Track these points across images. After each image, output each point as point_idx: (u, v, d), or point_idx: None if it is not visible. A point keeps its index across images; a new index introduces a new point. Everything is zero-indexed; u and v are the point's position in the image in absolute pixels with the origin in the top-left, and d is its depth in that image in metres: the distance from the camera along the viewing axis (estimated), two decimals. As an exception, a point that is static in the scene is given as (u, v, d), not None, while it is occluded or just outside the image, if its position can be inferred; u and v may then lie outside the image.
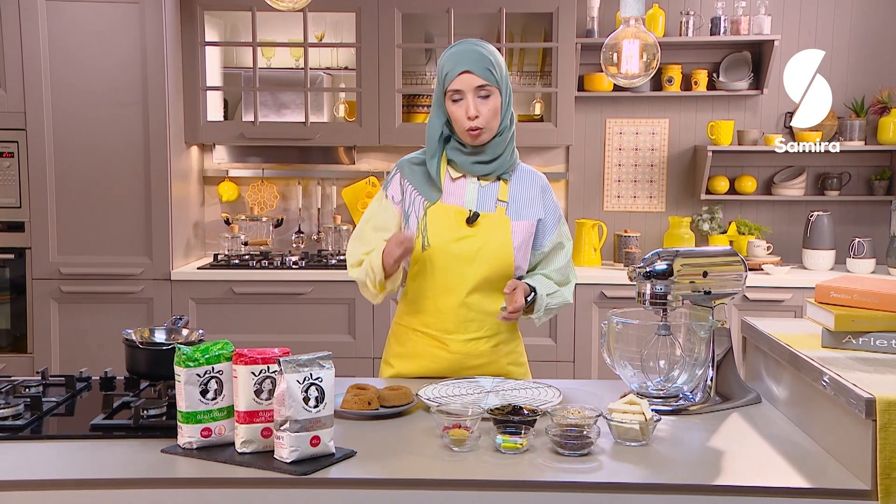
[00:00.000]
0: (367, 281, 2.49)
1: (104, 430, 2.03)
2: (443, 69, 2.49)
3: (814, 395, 2.03)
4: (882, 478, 1.73)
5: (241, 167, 5.15)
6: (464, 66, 2.44)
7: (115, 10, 4.44)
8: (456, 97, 2.46)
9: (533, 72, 5.09)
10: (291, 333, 4.56)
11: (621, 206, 5.16)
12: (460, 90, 2.45)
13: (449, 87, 2.46)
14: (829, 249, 4.79)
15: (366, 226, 2.58)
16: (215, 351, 1.93)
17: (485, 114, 2.45)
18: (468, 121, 2.44)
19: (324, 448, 1.86)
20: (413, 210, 2.54)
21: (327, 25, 5.07)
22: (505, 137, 2.53)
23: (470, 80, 2.44)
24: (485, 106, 2.45)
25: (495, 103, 2.47)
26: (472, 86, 2.44)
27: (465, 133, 2.47)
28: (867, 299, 2.12)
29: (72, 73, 4.48)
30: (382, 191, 2.61)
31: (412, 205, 2.55)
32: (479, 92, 2.44)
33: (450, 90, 2.46)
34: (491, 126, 2.48)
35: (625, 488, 1.79)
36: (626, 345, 2.27)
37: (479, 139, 2.48)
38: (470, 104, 2.44)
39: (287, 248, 5.11)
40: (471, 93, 2.44)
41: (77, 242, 4.56)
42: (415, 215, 2.53)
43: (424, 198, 2.53)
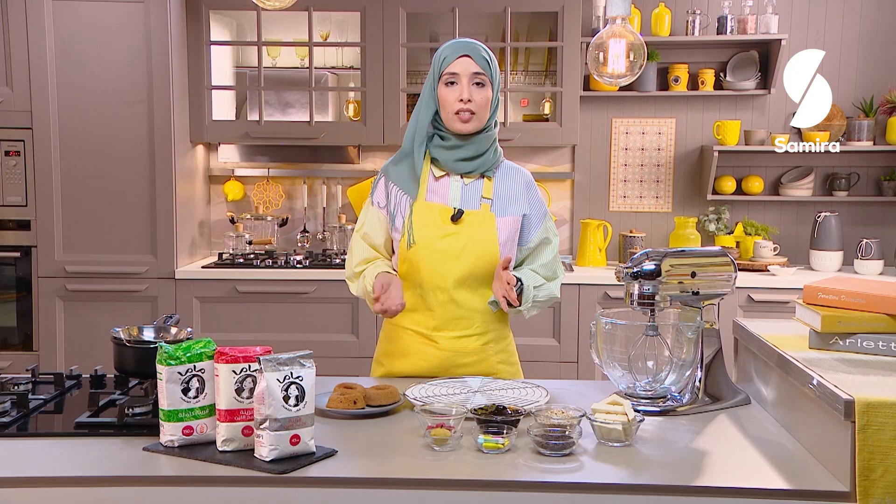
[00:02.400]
0: (366, 299, 2.58)
1: (89, 427, 2.04)
2: (440, 56, 2.52)
3: (799, 397, 2.02)
4: (861, 479, 1.71)
5: (246, 166, 5.17)
6: (463, 51, 2.48)
7: (120, 9, 4.47)
8: (451, 80, 2.48)
9: (538, 71, 5.08)
10: (295, 332, 4.57)
11: (627, 206, 5.14)
12: (456, 73, 2.47)
13: (445, 71, 2.48)
14: (836, 251, 4.75)
15: (356, 235, 2.63)
16: (197, 349, 1.94)
17: (478, 101, 2.47)
18: (460, 103, 2.46)
19: (304, 447, 1.86)
20: (399, 210, 2.55)
21: (332, 25, 5.08)
22: (490, 135, 2.54)
23: (468, 64, 2.47)
24: (478, 94, 2.48)
25: (488, 94, 2.50)
26: (469, 71, 2.47)
27: (455, 117, 2.48)
28: (854, 300, 2.10)
29: (78, 73, 4.51)
30: (370, 198, 2.63)
31: (397, 205, 2.56)
32: (474, 79, 2.48)
33: (446, 73, 2.48)
34: (481, 116, 2.49)
35: (606, 489, 1.78)
36: (614, 345, 2.26)
37: (468, 125, 2.49)
38: (464, 87, 2.47)
39: (292, 248, 5.12)
40: (466, 77, 2.47)
41: (82, 241, 4.60)
42: (400, 215, 2.54)
43: (408, 195, 2.54)
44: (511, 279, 2.41)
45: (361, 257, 2.59)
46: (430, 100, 2.53)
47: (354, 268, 2.60)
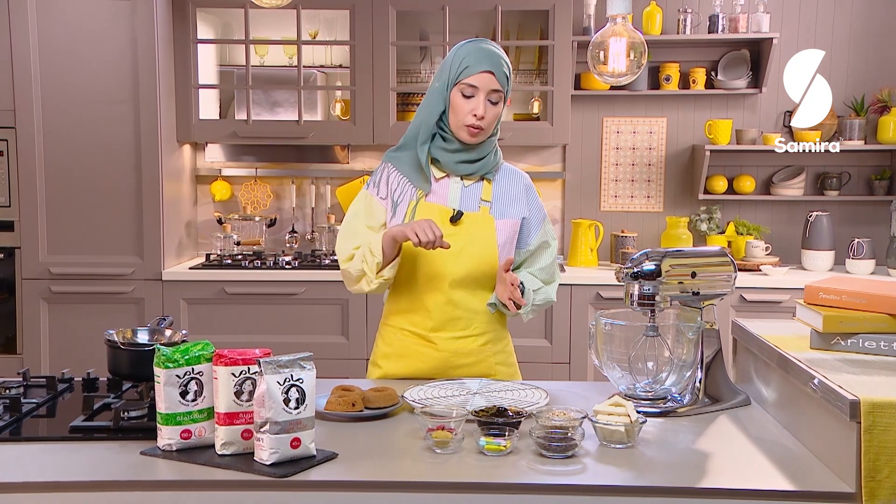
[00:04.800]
0: (364, 266, 2.43)
1: (84, 431, 2.01)
2: (462, 61, 2.44)
3: (801, 397, 2.00)
4: (866, 480, 1.70)
5: (234, 166, 5.13)
6: (488, 65, 2.42)
7: (106, 6, 4.42)
8: (469, 92, 2.44)
9: (529, 70, 5.06)
10: (284, 334, 4.53)
11: (618, 205, 5.13)
12: (476, 87, 2.43)
13: (465, 80, 2.43)
14: (828, 250, 4.75)
15: (355, 220, 2.54)
16: (195, 352, 1.91)
17: (489, 118, 2.45)
18: (473, 118, 2.43)
19: (304, 450, 1.83)
20: (403, 199, 2.51)
21: (321, 23, 5.05)
22: (492, 140, 2.54)
23: (489, 80, 2.43)
24: (491, 111, 2.45)
25: (499, 111, 2.48)
26: (489, 87, 2.43)
27: (463, 128, 2.45)
28: (856, 300, 2.09)
29: (62, 71, 4.45)
30: (367, 188, 2.58)
31: (403, 194, 2.52)
32: (491, 95, 2.44)
33: (465, 83, 2.43)
34: (488, 130, 2.48)
35: (609, 491, 1.77)
36: (613, 346, 2.24)
37: (475, 139, 2.47)
38: (480, 104, 2.43)
39: (280, 248, 5.08)
40: (484, 94, 2.43)
41: (67, 242, 4.54)
42: (403, 206, 2.51)
43: (416, 186, 2.50)
44: (515, 280, 2.39)
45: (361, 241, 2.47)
46: (439, 100, 2.49)
47: (353, 250, 2.48)
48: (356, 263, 2.46)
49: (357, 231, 2.52)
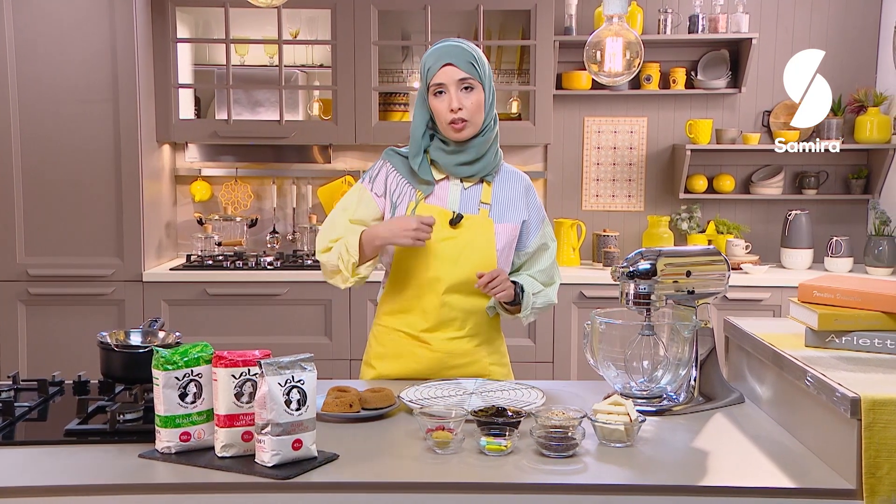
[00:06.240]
0: (340, 264, 2.42)
1: (79, 435, 1.98)
2: (425, 65, 2.46)
3: (797, 395, 2.02)
4: (867, 477, 1.72)
5: (214, 166, 5.09)
6: (446, 59, 2.42)
7: (83, 3, 4.36)
8: (439, 90, 2.43)
9: (511, 70, 5.07)
10: (267, 335, 4.50)
11: (600, 205, 5.15)
12: (443, 83, 2.42)
13: (432, 82, 2.43)
14: (807, 248, 4.80)
15: (342, 214, 2.52)
16: (194, 353, 1.89)
17: (468, 107, 2.42)
18: (451, 113, 2.42)
19: (306, 451, 1.82)
20: (402, 201, 2.50)
21: (302, 22, 5.02)
22: (488, 138, 2.50)
23: (452, 72, 2.42)
24: (468, 99, 2.42)
25: (479, 97, 2.44)
26: (455, 78, 2.42)
27: (448, 127, 2.44)
28: (850, 298, 2.11)
29: (39, 69, 4.39)
30: (363, 182, 2.57)
31: (402, 195, 2.51)
32: (461, 84, 2.42)
33: (433, 84, 2.43)
34: (475, 121, 2.45)
35: (610, 490, 1.77)
36: (609, 345, 2.25)
37: (463, 133, 2.44)
38: (453, 96, 2.41)
39: (262, 249, 5.05)
40: (453, 85, 2.42)
41: (45, 243, 4.48)
42: (402, 208, 2.50)
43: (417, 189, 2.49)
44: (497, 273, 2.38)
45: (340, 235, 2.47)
46: (421, 108, 2.50)
47: (329, 242, 2.47)
48: (332, 258, 2.45)
49: (338, 224, 2.50)
